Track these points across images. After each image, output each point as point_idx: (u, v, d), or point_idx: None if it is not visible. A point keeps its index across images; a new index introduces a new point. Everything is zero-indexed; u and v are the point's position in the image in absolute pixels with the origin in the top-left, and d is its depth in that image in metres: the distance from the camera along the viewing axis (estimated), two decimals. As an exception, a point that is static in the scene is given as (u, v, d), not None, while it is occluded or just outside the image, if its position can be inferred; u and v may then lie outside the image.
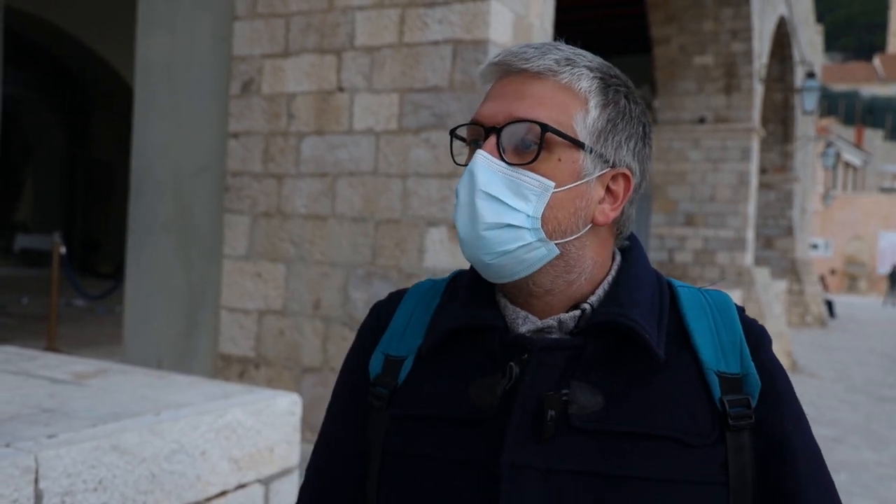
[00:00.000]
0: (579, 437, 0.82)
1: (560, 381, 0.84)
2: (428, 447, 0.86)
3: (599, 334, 0.86)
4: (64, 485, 1.77)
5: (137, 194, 4.73)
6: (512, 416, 0.83)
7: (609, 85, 0.88)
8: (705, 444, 0.83)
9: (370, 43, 3.86)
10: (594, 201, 0.87)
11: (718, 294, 0.93)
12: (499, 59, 0.88)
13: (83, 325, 8.49)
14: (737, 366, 0.86)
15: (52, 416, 2.04)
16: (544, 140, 0.83)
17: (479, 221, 0.83)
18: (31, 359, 2.92)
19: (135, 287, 4.73)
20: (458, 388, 0.87)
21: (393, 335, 0.95)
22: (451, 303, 0.93)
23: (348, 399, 0.97)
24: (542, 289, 0.87)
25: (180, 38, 4.53)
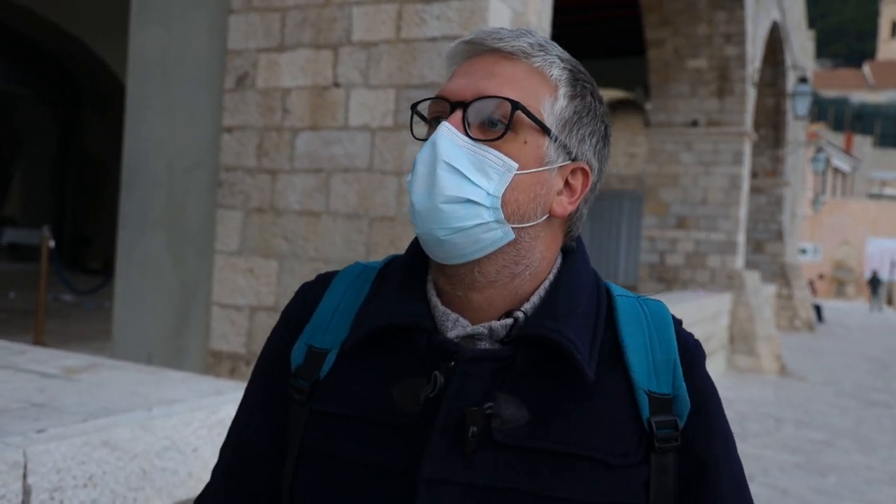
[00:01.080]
0: (502, 452, 0.79)
1: (486, 392, 0.80)
2: (348, 448, 0.83)
3: (530, 346, 0.82)
4: (53, 480, 1.73)
5: (129, 189, 4.69)
6: (434, 428, 0.79)
7: (577, 78, 0.86)
8: (629, 465, 0.80)
9: (367, 38, 3.83)
10: (553, 191, 0.85)
11: (657, 306, 0.90)
12: (471, 37, 0.86)
13: (71, 321, 8.43)
14: (668, 386, 0.84)
15: (42, 410, 2.00)
16: (513, 119, 0.81)
17: (439, 193, 0.79)
18: (19, 353, 2.88)
19: (125, 282, 4.68)
20: (382, 388, 0.83)
21: (317, 325, 0.90)
22: (379, 294, 0.88)
23: (268, 386, 0.93)
24: (486, 279, 0.84)
25: (175, 32, 4.49)
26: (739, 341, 11.37)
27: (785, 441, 6.82)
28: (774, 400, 8.84)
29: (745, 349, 11.28)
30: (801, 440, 6.91)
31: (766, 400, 8.80)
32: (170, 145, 4.48)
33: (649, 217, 12.44)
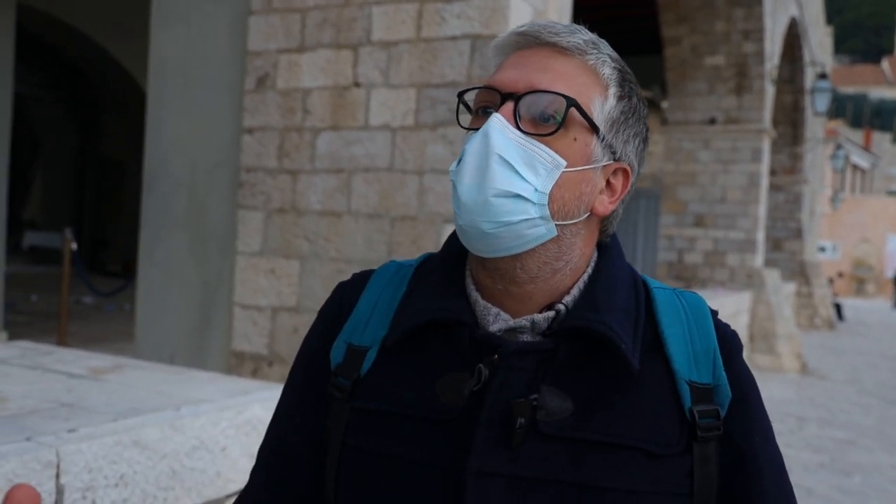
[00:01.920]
0: (547, 444, 0.80)
1: (530, 384, 0.81)
2: (390, 445, 0.83)
3: (573, 338, 0.82)
4: (85, 480, 1.74)
5: (150, 190, 4.71)
6: (480, 421, 0.80)
7: (626, 79, 0.86)
8: (672, 454, 0.81)
9: (387, 38, 3.83)
10: (596, 190, 0.85)
11: (694, 298, 0.90)
12: (525, 28, 0.85)
13: (92, 322, 8.49)
14: (709, 376, 0.84)
15: (72, 410, 2.01)
16: (567, 116, 0.80)
17: (490, 186, 0.79)
18: (45, 353, 2.90)
19: (147, 283, 4.70)
20: (424, 385, 0.83)
21: (356, 323, 0.90)
22: (418, 292, 0.88)
23: (307, 385, 0.93)
24: (527, 274, 0.84)
25: (195, 33, 4.51)
26: (759, 340, 11.28)
27: (808, 440, 6.76)
28: (796, 399, 8.77)
29: (765, 348, 11.19)
30: (825, 439, 6.85)
31: (787, 399, 8.73)
32: (191, 146, 4.50)
33: (667, 216, 12.37)
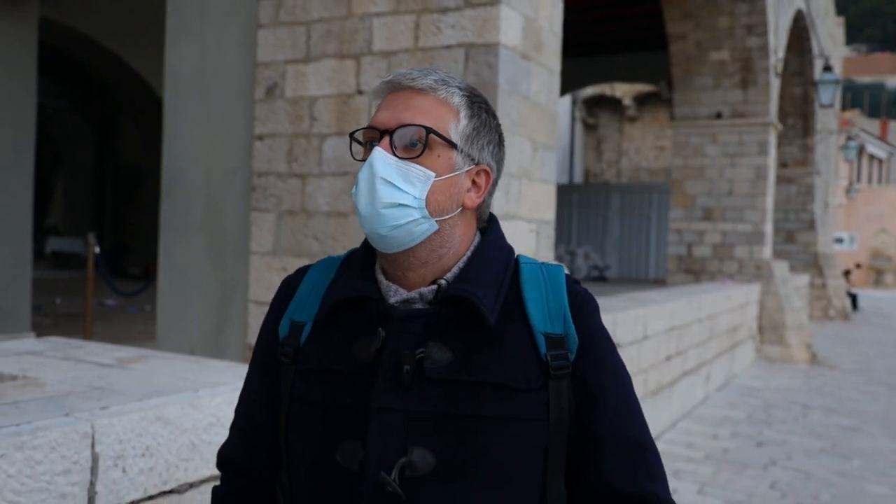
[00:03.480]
0: (432, 385, 1.04)
1: (419, 341, 1.05)
2: (323, 395, 1.09)
3: (451, 304, 1.07)
4: (116, 450, 1.99)
5: (169, 196, 4.97)
6: (379, 370, 1.05)
7: (474, 102, 1.11)
8: (532, 389, 1.05)
9: (387, 48, 4.06)
10: (464, 189, 1.10)
11: (554, 268, 1.14)
12: (390, 78, 1.11)
13: (115, 323, 8.79)
14: (560, 327, 1.08)
15: (103, 392, 2.26)
16: (428, 140, 1.05)
17: (378, 201, 1.05)
18: (77, 347, 3.16)
19: (167, 284, 4.96)
20: (345, 347, 1.09)
21: (297, 304, 1.17)
22: (341, 278, 1.15)
23: (264, 356, 1.20)
24: (419, 261, 1.09)
25: (208, 46, 4.76)
26: (769, 331, 11.41)
27: (811, 427, 6.91)
28: (804, 388, 8.90)
29: (774, 339, 11.32)
30: (829, 426, 6.99)
31: (794, 388, 8.86)
32: (206, 154, 4.75)
33: (676, 210, 12.51)
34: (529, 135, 4.09)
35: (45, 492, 1.81)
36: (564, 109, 25.70)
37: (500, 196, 3.81)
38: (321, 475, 1.07)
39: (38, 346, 3.18)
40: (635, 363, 6.22)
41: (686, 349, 7.61)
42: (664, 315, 6.86)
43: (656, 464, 1.11)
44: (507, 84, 3.81)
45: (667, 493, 1.10)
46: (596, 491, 1.08)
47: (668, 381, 6.96)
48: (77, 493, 1.89)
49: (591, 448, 1.08)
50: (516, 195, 3.98)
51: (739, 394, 8.44)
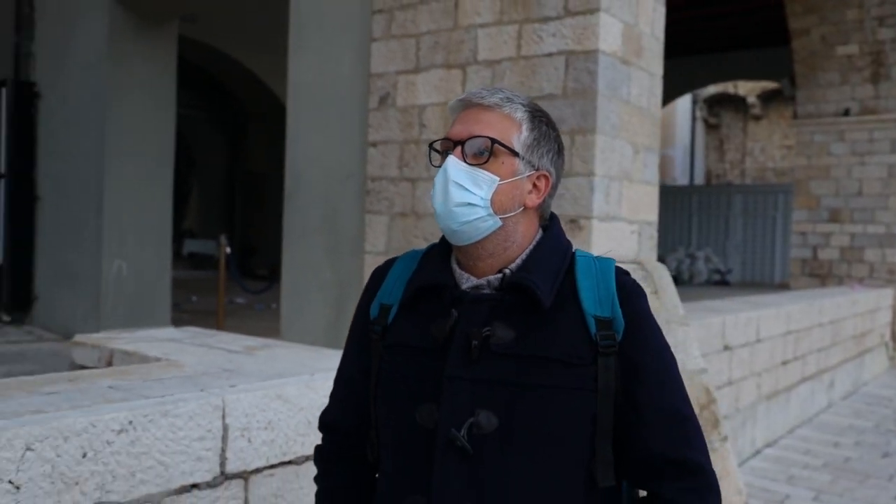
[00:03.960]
0: (497, 359, 1.22)
1: (486, 321, 1.24)
2: (405, 365, 1.29)
3: (513, 290, 1.25)
4: (243, 422, 2.27)
5: (291, 200, 5.35)
6: (452, 345, 1.24)
7: (535, 116, 1.29)
8: (582, 364, 1.21)
9: (491, 57, 4.25)
10: (525, 192, 1.27)
11: (607, 261, 1.30)
12: (463, 97, 1.30)
13: (244, 320, 9.38)
14: (608, 311, 1.23)
15: (232, 374, 2.56)
16: (493, 149, 1.23)
17: (450, 200, 1.24)
18: (210, 336, 3.52)
19: (290, 283, 5.34)
20: (424, 326, 1.28)
21: (385, 290, 1.37)
22: (422, 268, 1.34)
23: (358, 335, 1.41)
24: (486, 252, 1.28)
25: (326, 59, 5.10)
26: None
27: (938, 436, 6.59)
28: (936, 397, 8.44)
29: (908, 346, 10.74)
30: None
31: (926, 397, 8.41)
32: (324, 159, 5.09)
33: (800, 211, 12.08)
34: (630, 137, 4.18)
35: (184, 454, 2.11)
36: (685, 109, 25.09)
37: (599, 198, 3.93)
38: (403, 432, 1.27)
39: (178, 334, 3.56)
40: (747, 366, 6.14)
41: (805, 354, 7.39)
42: (780, 318, 6.71)
43: (695, 433, 1.25)
44: (607, 89, 3.92)
45: (703, 459, 1.24)
46: (639, 455, 1.24)
47: (784, 386, 6.80)
48: (211, 457, 2.18)
49: (635, 416, 1.23)
50: (617, 197, 4.08)
51: (867, 402, 8.10)
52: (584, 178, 3.91)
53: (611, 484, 1.24)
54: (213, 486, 2.20)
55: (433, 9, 4.49)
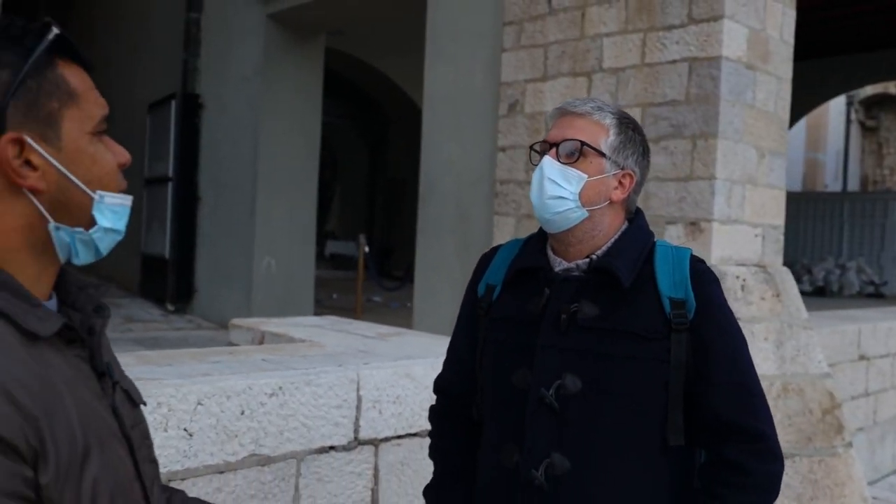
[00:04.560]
0: (582, 331, 1.43)
1: (574, 299, 1.44)
2: (505, 335, 1.52)
3: (599, 273, 1.45)
4: (374, 395, 2.56)
5: (425, 203, 5.68)
6: (544, 319, 1.45)
7: (622, 122, 1.47)
8: (657, 339, 1.38)
9: (616, 65, 4.39)
10: (611, 188, 1.46)
11: (683, 250, 1.48)
12: (560, 106, 1.51)
13: (380, 316, 9.86)
14: (682, 293, 1.41)
15: (366, 355, 2.87)
16: (582, 150, 1.43)
17: (544, 194, 1.44)
18: (347, 324, 3.88)
19: (423, 282, 5.67)
20: (522, 302, 1.51)
21: (491, 272, 1.60)
22: (522, 253, 1.56)
23: (467, 310, 1.64)
24: (576, 239, 1.48)
25: (459, 70, 5.40)
26: None
27: None
28: None
29: None
30: None
31: None
32: (456, 164, 5.39)
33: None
34: (755, 142, 4.20)
35: (324, 419, 2.42)
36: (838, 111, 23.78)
37: (720, 201, 3.99)
38: (502, 393, 1.50)
39: (320, 321, 3.94)
40: (887, 378, 5.92)
41: (956, 369, 6.99)
42: (926, 330, 6.40)
43: (761, 406, 1.40)
44: (730, 94, 3.98)
45: (768, 429, 1.39)
46: (707, 421, 1.41)
47: (930, 402, 6.48)
48: (347, 423, 2.49)
49: (704, 386, 1.40)
50: (739, 200, 4.12)
51: None
52: (706, 181, 3.98)
53: (680, 444, 1.42)
54: (348, 450, 2.50)
55: (561, 20, 4.69)
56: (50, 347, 0.89)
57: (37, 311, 0.88)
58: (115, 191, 0.97)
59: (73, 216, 0.93)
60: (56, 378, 0.87)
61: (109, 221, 0.96)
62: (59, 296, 0.99)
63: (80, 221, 0.94)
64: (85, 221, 0.95)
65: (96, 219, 0.95)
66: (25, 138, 0.88)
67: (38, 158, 0.89)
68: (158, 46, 9.50)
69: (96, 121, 0.96)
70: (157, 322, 8.22)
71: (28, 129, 0.88)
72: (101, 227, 0.95)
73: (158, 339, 7.00)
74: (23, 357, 0.84)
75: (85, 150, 0.94)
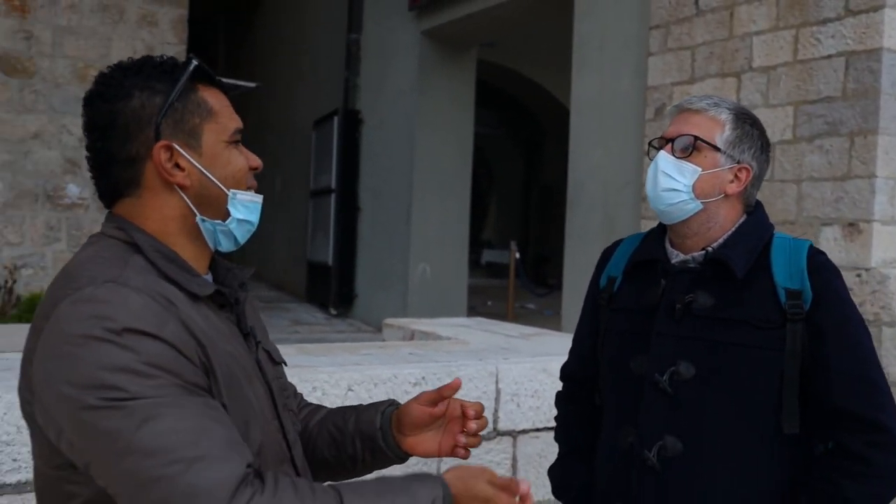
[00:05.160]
0: (698, 320, 1.48)
1: (689, 289, 1.48)
2: (624, 324, 1.61)
3: (714, 264, 1.47)
4: (512, 388, 2.68)
5: (573, 208, 5.74)
6: (660, 308, 1.52)
7: (739, 118, 1.51)
8: (771, 328, 1.41)
9: (766, 63, 4.27)
10: (726, 181, 1.50)
11: (802, 241, 1.49)
12: (678, 104, 1.57)
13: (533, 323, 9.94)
14: (798, 284, 1.42)
15: (507, 351, 3.00)
16: (696, 145, 1.48)
17: (658, 186, 1.51)
18: (493, 324, 4.02)
19: (571, 286, 5.72)
20: (641, 293, 1.59)
21: (612, 264, 1.68)
22: (641, 246, 1.62)
23: (591, 302, 1.73)
24: (691, 231, 1.52)
25: (605, 77, 5.43)
26: None
27: None
28: None
29: None
30: None
31: None
32: (602, 170, 5.41)
33: None
34: (922, 137, 3.95)
35: (464, 409, 2.57)
36: None
37: (882, 200, 3.79)
38: (620, 379, 1.58)
39: (468, 322, 4.12)
40: None
41: None
42: None
43: (883, 397, 1.39)
44: (892, 87, 3.77)
45: (891, 422, 1.37)
46: (827, 410, 1.42)
47: None
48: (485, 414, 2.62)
49: (822, 376, 1.41)
50: (904, 199, 3.89)
51: None
52: (864, 180, 3.79)
53: (794, 432, 1.44)
54: (487, 439, 2.64)
55: (708, 20, 4.62)
56: (207, 307, 1.13)
57: (197, 279, 1.13)
58: (245, 186, 1.19)
59: (213, 210, 1.17)
60: (213, 327, 1.11)
61: (242, 214, 1.18)
62: (213, 275, 1.24)
63: (218, 214, 1.17)
64: (222, 214, 1.18)
65: (231, 212, 1.17)
66: (174, 145, 1.13)
67: (184, 161, 1.14)
68: (322, 67, 10.13)
69: (230, 132, 1.18)
70: (321, 325, 8.75)
71: (176, 139, 1.13)
72: (235, 219, 1.18)
73: (321, 342, 7.47)
74: (190, 308, 1.09)
75: (220, 155, 1.17)
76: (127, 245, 1.11)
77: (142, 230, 1.13)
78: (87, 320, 0.99)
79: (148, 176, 1.13)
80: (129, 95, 1.12)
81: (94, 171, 1.17)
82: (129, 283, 1.04)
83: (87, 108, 1.14)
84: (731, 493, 1.43)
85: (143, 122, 1.11)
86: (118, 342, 0.98)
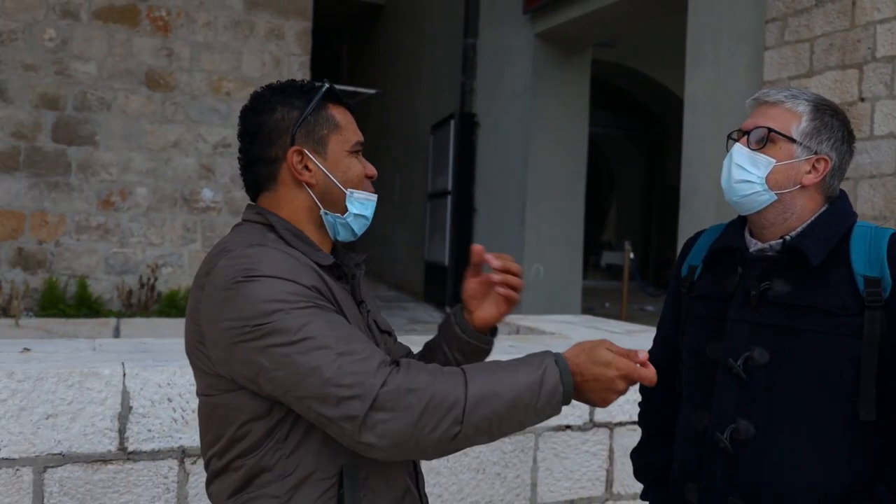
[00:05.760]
0: (773, 307, 1.50)
1: (766, 276, 1.50)
2: (703, 311, 1.64)
3: (790, 252, 1.49)
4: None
5: (686, 206, 5.65)
6: (736, 294, 1.55)
7: (818, 108, 1.50)
8: (848, 315, 1.41)
9: (891, 53, 4.08)
10: (802, 172, 1.50)
11: (884, 230, 1.46)
12: (755, 97, 1.58)
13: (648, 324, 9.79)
14: (877, 272, 1.41)
15: (606, 345, 3.03)
16: (770, 136, 1.49)
17: (732, 178, 1.53)
18: (599, 321, 4.06)
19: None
20: (719, 281, 1.61)
21: (694, 254, 1.71)
22: (722, 236, 1.64)
23: (673, 290, 1.76)
24: (768, 222, 1.54)
25: (720, 73, 5.32)
26: None
27: None
28: None
29: None
30: None
31: None
32: (717, 167, 5.29)
33: None
34: None
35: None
36: None
37: None
38: (698, 363, 1.62)
39: (573, 319, 4.17)
40: None
41: None
42: None
43: None
44: None
45: None
46: None
47: None
48: (582, 405, 2.68)
49: None
50: None
51: None
52: None
53: (871, 419, 1.43)
54: (584, 430, 2.69)
55: (828, 10, 4.46)
56: (329, 276, 1.37)
57: (319, 253, 1.39)
58: (361, 188, 1.44)
59: (334, 205, 1.42)
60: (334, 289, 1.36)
61: (358, 209, 1.43)
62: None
63: (338, 209, 1.42)
64: (341, 209, 1.42)
65: (349, 207, 1.42)
66: (304, 150, 1.39)
67: (312, 164, 1.39)
68: (439, 72, 10.37)
69: (352, 143, 1.43)
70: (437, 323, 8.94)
71: (307, 146, 1.39)
72: (352, 213, 1.43)
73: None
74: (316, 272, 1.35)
75: (342, 161, 1.42)
76: (264, 226, 1.38)
77: (276, 215, 1.39)
78: (239, 271, 1.25)
79: (283, 174, 1.39)
80: (273, 110, 1.38)
81: (243, 169, 1.43)
82: (269, 245, 1.30)
83: (241, 119, 1.42)
84: (802, 477, 1.45)
85: (282, 130, 1.38)
86: (264, 283, 1.23)
